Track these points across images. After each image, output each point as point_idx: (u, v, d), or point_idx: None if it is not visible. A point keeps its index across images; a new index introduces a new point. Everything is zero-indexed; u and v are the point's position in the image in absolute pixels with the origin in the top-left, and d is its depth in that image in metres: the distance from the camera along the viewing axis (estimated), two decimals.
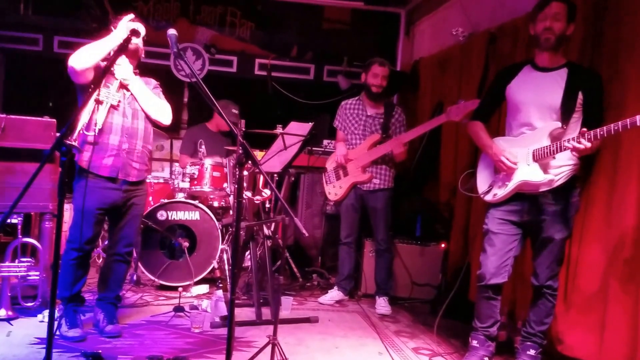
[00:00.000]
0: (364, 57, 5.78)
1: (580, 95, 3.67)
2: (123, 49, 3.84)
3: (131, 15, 4.07)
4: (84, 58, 3.97)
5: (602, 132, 3.31)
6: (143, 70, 4.46)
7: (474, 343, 4.07)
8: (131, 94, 4.25)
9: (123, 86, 4.21)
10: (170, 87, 8.01)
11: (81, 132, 4.07)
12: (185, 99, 8.29)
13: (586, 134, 3.38)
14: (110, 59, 3.79)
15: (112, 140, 4.14)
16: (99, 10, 7.60)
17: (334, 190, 5.79)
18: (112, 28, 4.08)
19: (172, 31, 3.25)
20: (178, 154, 6.89)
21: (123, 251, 4.42)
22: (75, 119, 3.09)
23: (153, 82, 4.50)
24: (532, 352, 3.95)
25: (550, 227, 3.78)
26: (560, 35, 3.71)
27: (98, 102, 4.08)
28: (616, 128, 3.25)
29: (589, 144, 3.39)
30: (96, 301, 4.46)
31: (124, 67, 4.19)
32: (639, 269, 3.58)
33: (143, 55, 4.36)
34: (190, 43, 7.94)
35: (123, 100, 4.20)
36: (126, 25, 3.99)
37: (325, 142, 6.97)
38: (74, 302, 4.25)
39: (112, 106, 4.12)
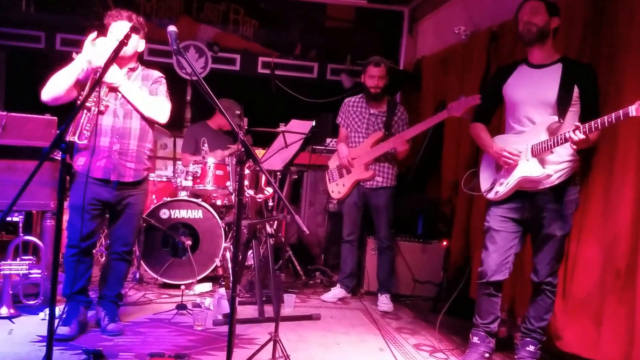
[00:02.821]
0: (367, 56, 5.76)
1: (575, 89, 3.68)
2: (122, 46, 3.79)
3: (93, 34, 4.03)
4: (52, 90, 4.02)
5: (596, 124, 3.33)
6: (146, 66, 4.44)
7: (475, 339, 4.08)
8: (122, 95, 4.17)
9: (113, 89, 4.15)
10: (173, 85, 8.04)
11: (73, 140, 4.06)
12: (188, 97, 8.28)
13: (581, 127, 3.40)
14: (107, 62, 3.71)
15: (102, 142, 4.10)
16: (101, 7, 7.58)
17: (337, 188, 5.79)
18: (105, 23, 4.09)
19: (171, 28, 3.18)
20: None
21: (120, 250, 4.40)
22: (70, 121, 3.06)
23: (154, 76, 4.40)
24: (531, 348, 3.96)
25: (551, 224, 3.79)
26: (541, 27, 3.74)
27: (87, 108, 4.04)
28: (609, 120, 3.27)
29: (583, 136, 3.40)
30: (97, 299, 4.46)
31: (111, 71, 4.07)
32: (635, 266, 3.58)
33: (140, 50, 4.30)
34: (192, 41, 7.94)
35: (114, 102, 4.14)
36: (89, 46, 4.00)
37: (328, 140, 6.97)
38: (75, 299, 4.25)
39: (99, 111, 4.07)
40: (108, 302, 4.40)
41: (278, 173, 5.45)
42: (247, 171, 5.49)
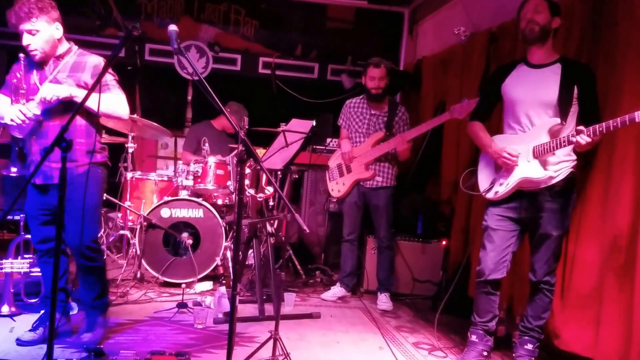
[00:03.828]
0: (368, 56, 5.79)
1: (575, 89, 3.69)
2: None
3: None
4: None
5: (601, 129, 3.33)
6: (148, 66, 4.31)
7: (473, 338, 4.10)
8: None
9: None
10: (175, 85, 8.09)
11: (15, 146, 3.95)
12: (189, 97, 8.30)
13: (585, 130, 3.40)
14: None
15: (27, 146, 3.90)
16: (102, 7, 7.62)
17: (337, 187, 5.81)
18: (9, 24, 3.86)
19: (172, 27, 3.12)
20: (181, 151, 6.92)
21: (78, 255, 3.94)
22: (70, 121, 3.02)
23: (89, 64, 3.91)
24: (529, 346, 3.98)
25: (548, 224, 3.80)
26: (544, 26, 3.75)
27: None
28: (615, 124, 3.27)
29: (589, 139, 3.41)
30: (77, 301, 4.33)
31: (46, 90, 3.74)
32: (633, 265, 3.60)
33: (58, 37, 3.94)
34: (194, 41, 7.96)
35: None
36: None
37: (328, 140, 6.99)
38: (48, 303, 4.00)
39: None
40: (87, 307, 4.14)
41: (278, 172, 5.46)
42: (247, 170, 5.52)
